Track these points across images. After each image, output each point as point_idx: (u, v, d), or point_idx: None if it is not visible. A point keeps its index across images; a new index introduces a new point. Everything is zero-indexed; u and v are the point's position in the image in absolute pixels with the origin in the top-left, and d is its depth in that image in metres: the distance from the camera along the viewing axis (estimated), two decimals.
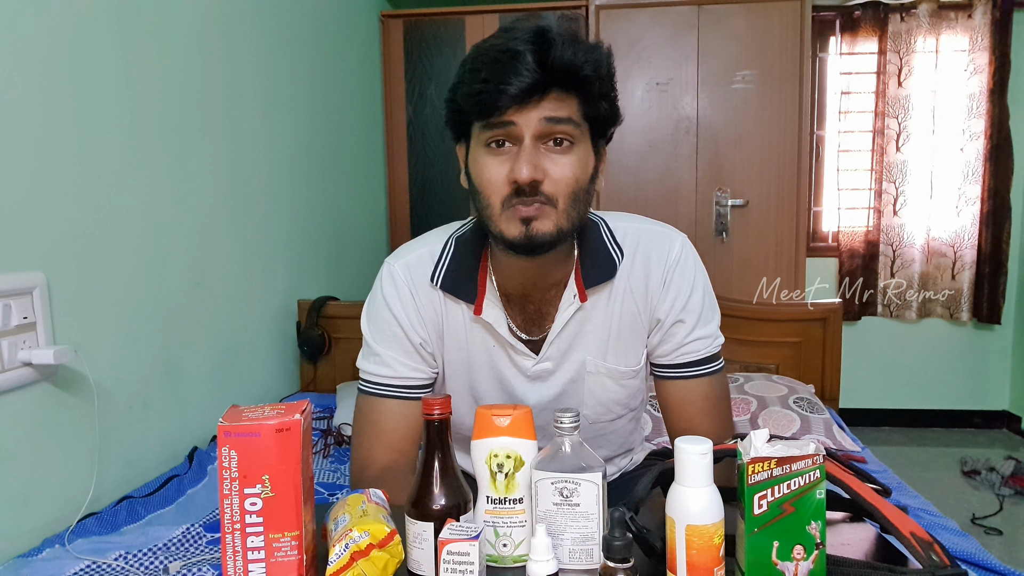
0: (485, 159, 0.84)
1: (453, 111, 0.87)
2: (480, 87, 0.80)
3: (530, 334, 0.96)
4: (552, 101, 0.81)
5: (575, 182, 0.84)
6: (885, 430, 3.33)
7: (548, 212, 0.83)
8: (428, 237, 1.01)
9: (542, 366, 0.97)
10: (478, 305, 0.94)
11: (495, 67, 0.79)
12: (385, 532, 0.66)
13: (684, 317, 0.95)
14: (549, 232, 0.83)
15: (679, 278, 0.95)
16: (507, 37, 0.81)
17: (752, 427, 1.66)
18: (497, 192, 0.83)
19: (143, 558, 0.96)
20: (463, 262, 0.95)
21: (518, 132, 0.81)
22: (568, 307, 0.94)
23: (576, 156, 0.84)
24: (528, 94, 0.79)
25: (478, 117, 0.83)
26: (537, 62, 0.78)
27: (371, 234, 2.81)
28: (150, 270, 1.36)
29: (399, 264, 0.97)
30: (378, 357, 0.97)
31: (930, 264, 3.20)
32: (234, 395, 1.65)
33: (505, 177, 0.82)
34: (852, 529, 0.79)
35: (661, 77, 2.77)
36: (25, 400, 1.06)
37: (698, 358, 0.97)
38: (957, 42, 3.09)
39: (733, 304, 1.96)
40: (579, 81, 0.81)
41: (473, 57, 0.83)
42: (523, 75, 0.78)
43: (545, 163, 0.82)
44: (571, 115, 0.82)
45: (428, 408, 0.70)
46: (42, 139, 1.10)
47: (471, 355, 0.98)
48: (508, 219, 0.84)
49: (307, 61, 2.15)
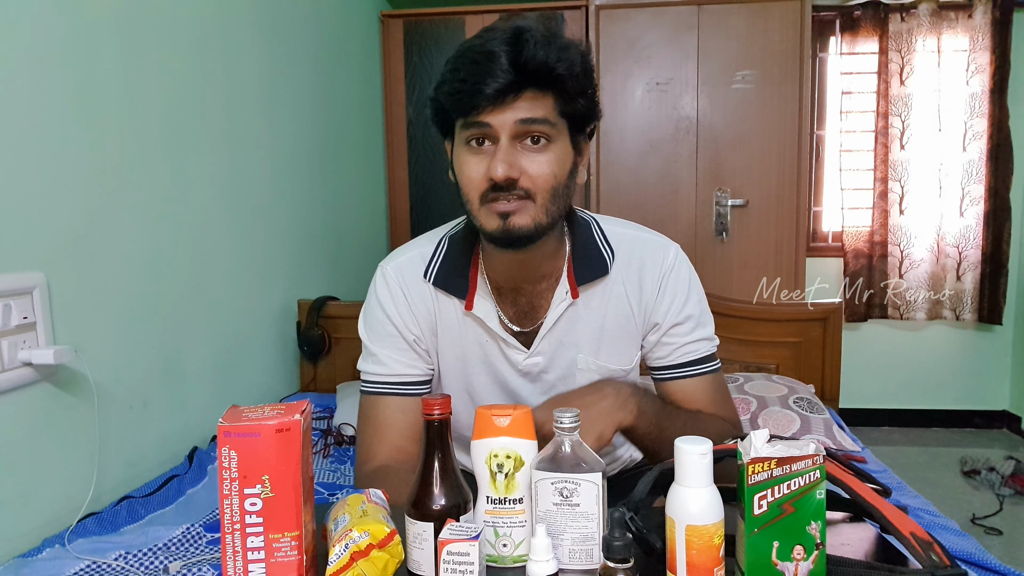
0: (465, 157, 0.87)
1: (437, 109, 0.90)
2: (458, 87, 0.83)
3: (522, 326, 0.98)
4: (527, 101, 0.83)
5: (553, 178, 0.86)
6: (885, 430, 3.33)
7: (526, 206, 0.85)
8: (420, 240, 1.04)
9: (533, 360, 0.98)
10: (469, 300, 0.96)
11: (472, 68, 0.82)
12: (385, 532, 0.66)
13: (682, 320, 0.99)
14: (526, 226, 0.86)
15: (674, 284, 0.98)
16: (486, 38, 0.83)
17: (752, 427, 1.66)
18: (476, 188, 0.86)
19: (143, 558, 0.96)
20: (455, 259, 0.98)
21: (494, 132, 0.84)
22: (560, 303, 0.96)
23: (553, 153, 0.86)
24: (502, 94, 0.81)
25: (458, 115, 0.86)
26: (511, 63, 0.81)
27: (371, 234, 2.81)
28: (150, 270, 1.36)
29: (391, 266, 1.01)
30: (375, 357, 1.00)
31: (937, 264, 3.20)
32: (234, 395, 1.65)
33: (483, 174, 0.85)
34: (852, 529, 0.79)
35: (661, 77, 2.77)
36: (25, 400, 1.06)
37: (699, 357, 1.00)
38: (957, 42, 3.09)
39: (733, 304, 1.95)
40: (553, 80, 0.83)
41: (455, 56, 0.85)
42: (498, 76, 0.80)
43: (522, 161, 0.84)
44: (546, 114, 0.84)
45: (428, 408, 0.71)
46: (42, 139, 1.10)
47: (465, 351, 1.00)
48: (486, 213, 0.86)
49: (307, 61, 2.15)
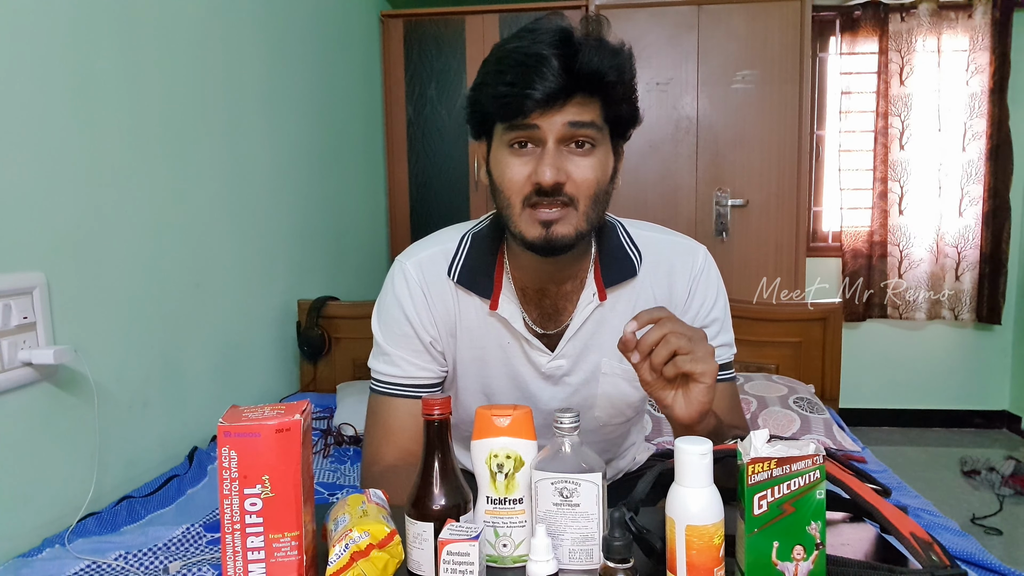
0: (508, 159, 0.84)
1: (476, 110, 0.87)
2: (505, 90, 0.80)
3: (545, 328, 0.96)
4: (576, 105, 0.81)
5: (596, 184, 0.84)
6: (885, 430, 3.33)
7: (569, 214, 0.84)
8: (440, 235, 1.00)
9: (556, 363, 0.96)
10: (494, 300, 0.94)
11: (520, 70, 0.79)
12: (385, 532, 0.66)
13: (709, 323, 0.98)
14: (568, 235, 0.84)
15: (704, 287, 0.98)
16: (531, 39, 0.80)
17: (752, 427, 1.66)
18: (518, 191, 0.84)
19: (143, 558, 0.96)
20: (480, 258, 0.95)
21: (541, 135, 0.81)
22: (587, 305, 0.94)
23: (597, 158, 0.84)
24: (553, 99, 0.79)
25: (502, 119, 0.83)
26: (563, 67, 0.78)
27: (371, 234, 2.81)
28: (150, 270, 1.36)
29: (411, 262, 0.97)
30: (388, 356, 0.97)
31: (937, 264, 3.20)
32: (234, 395, 1.65)
33: (527, 177, 0.83)
34: (852, 529, 0.79)
35: (661, 77, 2.77)
36: (25, 400, 1.06)
37: (720, 363, 0.97)
38: (957, 42, 3.09)
39: (733, 304, 1.92)
40: (603, 86, 0.81)
41: (498, 58, 0.83)
42: (549, 80, 0.78)
43: (567, 165, 0.82)
44: (594, 119, 0.82)
45: (428, 408, 0.70)
46: (42, 139, 1.10)
47: (485, 352, 0.97)
48: (528, 220, 0.84)
49: (307, 61, 2.15)
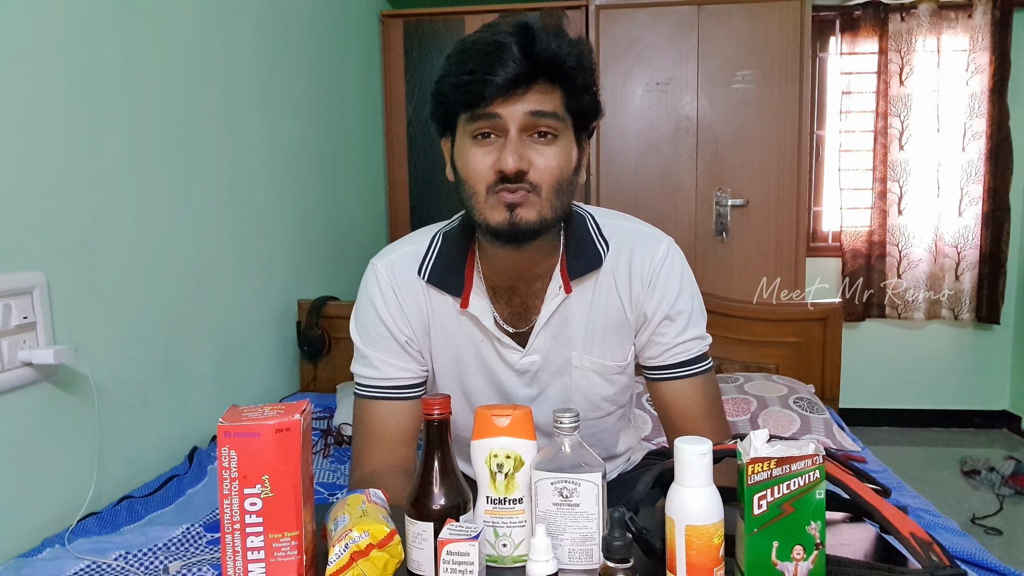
0: (471, 150, 0.85)
1: (439, 103, 0.88)
2: (467, 78, 0.81)
3: (516, 327, 0.97)
4: (537, 94, 0.82)
5: (559, 172, 0.85)
6: (885, 430, 3.33)
7: (532, 200, 0.84)
8: (413, 236, 1.02)
9: (529, 359, 0.97)
10: (464, 298, 0.94)
11: (481, 58, 0.80)
12: (385, 532, 0.66)
13: (673, 316, 0.96)
14: (533, 220, 0.84)
15: (665, 278, 0.95)
16: (492, 31, 0.82)
17: (752, 427, 1.66)
18: (483, 180, 0.84)
19: (143, 558, 0.96)
20: (450, 256, 0.96)
21: (503, 124, 0.82)
22: (553, 298, 0.94)
23: (560, 148, 0.85)
24: (514, 84, 0.80)
25: (464, 108, 0.84)
26: (523, 53, 0.80)
27: (371, 234, 2.81)
28: (150, 270, 1.36)
29: (382, 263, 0.99)
30: (366, 360, 0.99)
31: (936, 264, 3.20)
32: (234, 395, 1.65)
33: (491, 166, 0.83)
34: (852, 529, 0.79)
35: (661, 77, 2.77)
36: (25, 400, 1.06)
37: (690, 357, 0.98)
38: (957, 42, 3.09)
39: (733, 304, 1.95)
40: (563, 73, 0.83)
41: (459, 50, 0.84)
42: (509, 66, 0.79)
43: (530, 153, 0.83)
44: (555, 109, 0.84)
45: (428, 408, 0.71)
46: (42, 139, 1.10)
47: (459, 351, 0.98)
48: (492, 205, 0.85)
49: (307, 61, 2.15)
